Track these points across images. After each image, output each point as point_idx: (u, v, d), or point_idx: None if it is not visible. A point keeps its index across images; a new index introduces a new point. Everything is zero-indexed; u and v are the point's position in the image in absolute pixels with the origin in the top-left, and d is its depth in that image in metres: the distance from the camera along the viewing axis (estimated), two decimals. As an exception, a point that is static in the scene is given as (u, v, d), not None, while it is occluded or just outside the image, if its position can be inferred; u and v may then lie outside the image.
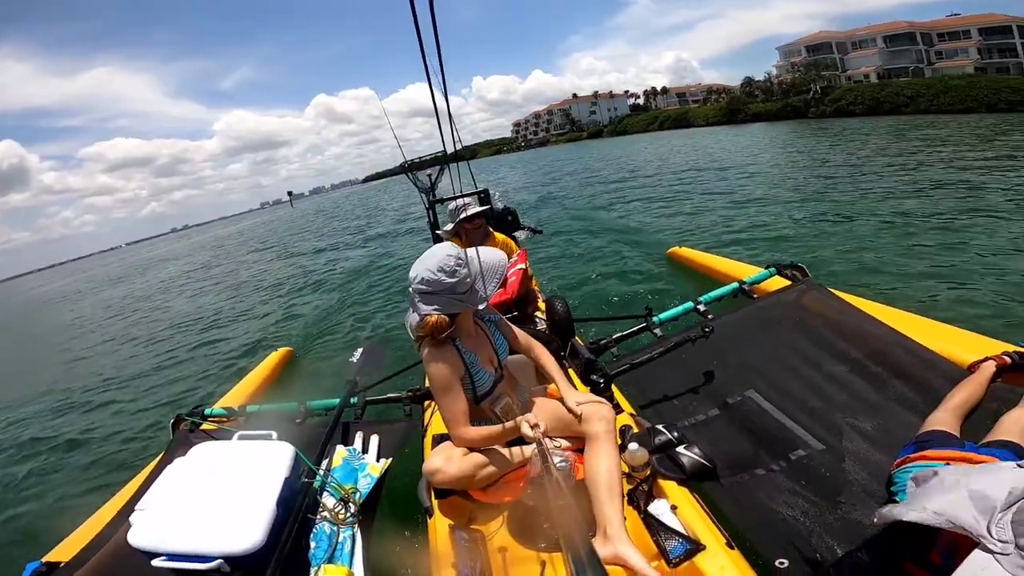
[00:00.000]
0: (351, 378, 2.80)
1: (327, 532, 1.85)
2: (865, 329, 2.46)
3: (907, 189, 8.72)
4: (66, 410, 6.19)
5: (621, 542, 1.51)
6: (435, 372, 1.75)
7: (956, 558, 1.00)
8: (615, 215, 11.19)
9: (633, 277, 6.20)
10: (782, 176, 13.01)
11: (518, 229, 4.84)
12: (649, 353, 2.58)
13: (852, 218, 7.33)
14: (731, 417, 2.16)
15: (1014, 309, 3.84)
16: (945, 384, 1.96)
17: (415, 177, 5.08)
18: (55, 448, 4.86)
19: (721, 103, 58.25)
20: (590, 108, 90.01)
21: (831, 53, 51.10)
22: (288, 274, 12.65)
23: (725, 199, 10.72)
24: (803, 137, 24.64)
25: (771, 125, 39.01)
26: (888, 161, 12.54)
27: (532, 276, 3.56)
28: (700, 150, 25.51)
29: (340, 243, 16.68)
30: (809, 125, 33.29)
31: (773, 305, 2.87)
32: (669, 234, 8.17)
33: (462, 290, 1.74)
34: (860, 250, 5.82)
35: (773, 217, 8.32)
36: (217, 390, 4.97)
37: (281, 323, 7.83)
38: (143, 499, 1.86)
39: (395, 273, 9.29)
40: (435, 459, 1.78)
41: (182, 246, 52.90)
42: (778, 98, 48.88)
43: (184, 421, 2.77)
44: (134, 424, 5.02)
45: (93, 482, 3.95)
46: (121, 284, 24.48)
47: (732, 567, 1.40)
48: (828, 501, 1.65)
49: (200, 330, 8.86)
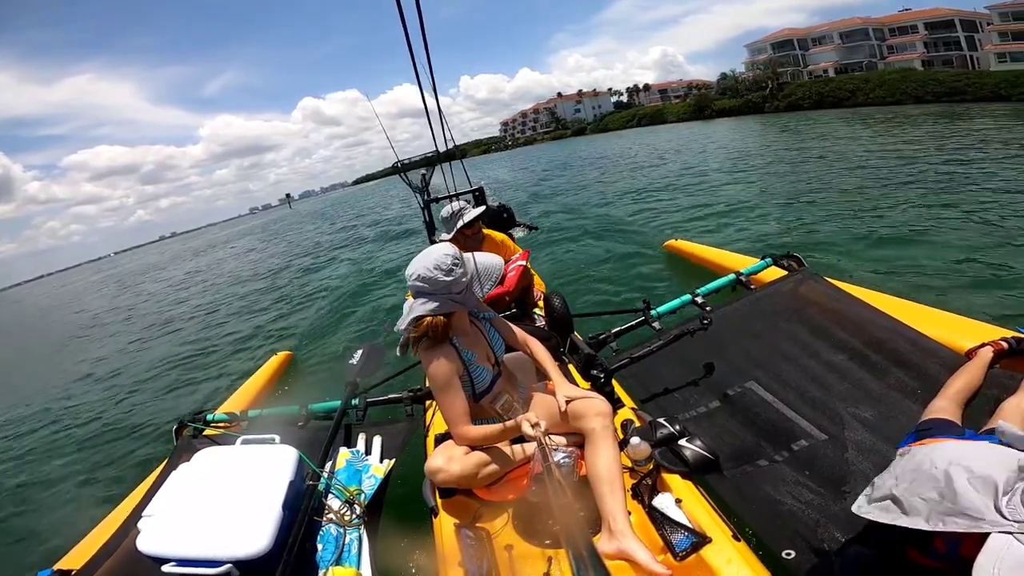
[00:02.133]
0: (351, 380, 2.81)
1: (333, 534, 1.86)
2: (863, 317, 2.47)
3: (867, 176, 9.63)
4: (68, 418, 6.17)
5: (626, 537, 1.51)
6: (434, 371, 1.75)
7: (960, 545, 0.99)
8: (598, 208, 11.46)
9: (630, 271, 6.21)
10: (753, 166, 13.89)
11: (514, 226, 4.83)
12: (648, 347, 2.58)
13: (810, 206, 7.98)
14: (732, 409, 2.16)
15: (989, 290, 3.97)
16: (943, 371, 1.97)
17: (408, 177, 5.07)
18: (59, 459, 4.84)
19: (690, 101, 61.34)
20: (575, 106, 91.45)
21: (794, 50, 53.30)
22: (285, 279, 12.60)
23: (688, 188, 11.66)
24: (767, 128, 27.54)
25: (738, 120, 41.71)
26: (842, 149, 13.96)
27: (534, 274, 3.57)
28: (667, 143, 27.96)
29: (336, 245, 16.66)
30: (766, 119, 36.67)
31: (770, 296, 2.88)
32: (653, 226, 8.42)
33: (457, 289, 1.75)
34: (835, 236, 6.09)
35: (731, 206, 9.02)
36: (218, 395, 4.97)
37: (280, 327, 7.80)
38: (150, 506, 1.87)
39: (392, 273, 9.27)
40: (437, 458, 1.78)
41: (172, 253, 53.04)
42: (742, 95, 51.38)
43: (187, 427, 2.77)
44: (137, 431, 5.00)
45: (98, 488, 3.96)
46: (106, 295, 24.42)
47: (739, 559, 1.40)
48: (833, 491, 1.65)
49: (197, 336, 8.83)
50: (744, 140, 22.86)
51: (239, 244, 31.54)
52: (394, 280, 8.57)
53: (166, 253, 59.13)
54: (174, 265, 30.77)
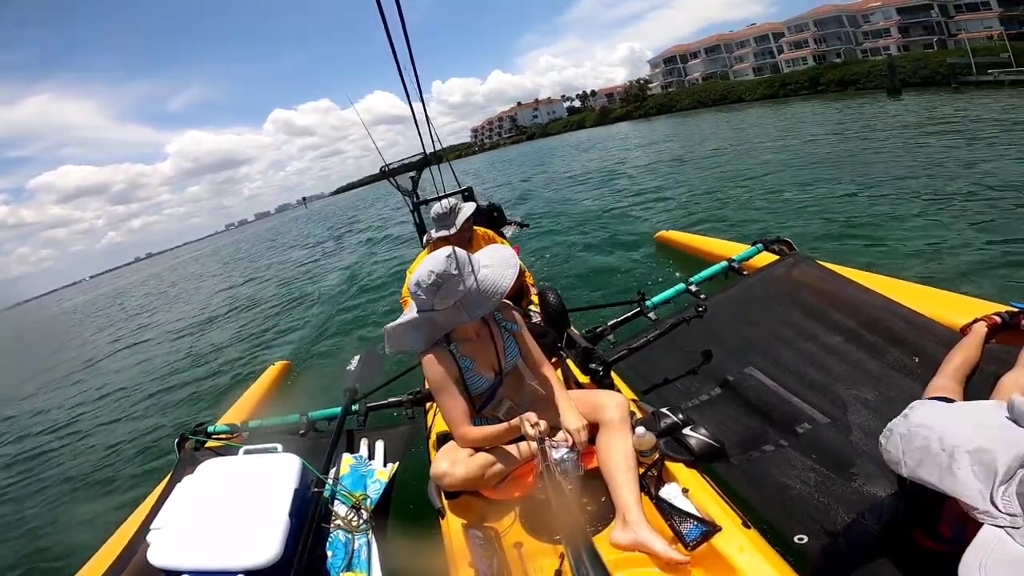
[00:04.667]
0: (351, 386, 2.80)
1: (342, 540, 1.86)
2: (856, 298, 2.48)
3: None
4: (66, 436, 6.19)
5: (642, 527, 1.51)
6: (429, 374, 1.77)
7: (967, 532, 0.96)
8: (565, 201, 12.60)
9: (622, 263, 6.26)
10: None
11: (504, 224, 4.82)
12: (646, 337, 2.59)
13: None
14: (734, 395, 2.16)
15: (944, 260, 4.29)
16: (939, 348, 1.98)
17: (396, 181, 5.06)
18: (62, 479, 4.86)
19: (597, 110, 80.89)
20: (533, 113, 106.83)
21: (676, 64, 68.51)
22: (277, 288, 12.55)
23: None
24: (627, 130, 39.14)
25: (633, 123, 54.57)
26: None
27: (526, 271, 3.56)
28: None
29: (328, 251, 16.62)
30: (650, 121, 50.39)
31: (763, 280, 2.89)
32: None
33: (441, 307, 1.70)
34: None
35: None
36: (218, 408, 4.95)
37: (275, 337, 7.78)
38: (157, 519, 1.86)
39: (387, 278, 9.24)
40: (441, 463, 1.77)
41: (148, 273, 53.63)
42: (627, 103, 69.51)
43: (188, 440, 2.75)
44: (138, 447, 5.02)
45: (106, 501, 4.01)
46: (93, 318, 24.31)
47: (751, 546, 1.39)
48: (841, 473, 1.64)
49: (193, 349, 8.79)
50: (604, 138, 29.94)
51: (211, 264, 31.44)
52: (390, 284, 8.55)
53: (143, 272, 60.18)
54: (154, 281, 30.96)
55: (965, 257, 4.27)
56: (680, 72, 67.87)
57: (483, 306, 1.72)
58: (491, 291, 1.73)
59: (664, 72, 70.07)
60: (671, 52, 69.95)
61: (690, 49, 67.52)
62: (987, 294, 2.39)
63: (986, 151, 8.34)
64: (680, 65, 67.81)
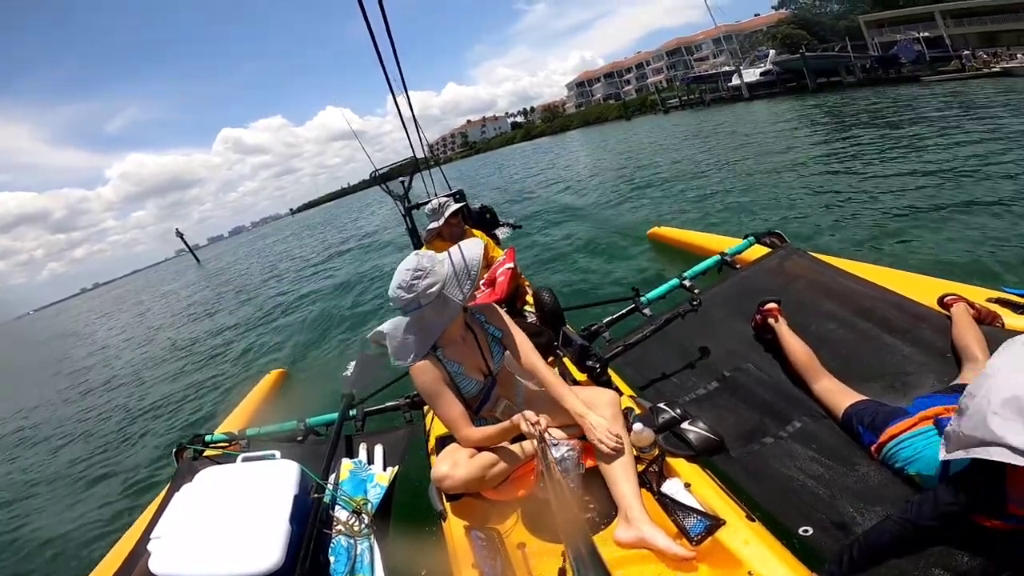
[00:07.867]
0: (347, 391, 2.79)
1: (344, 546, 1.85)
2: (849, 287, 2.50)
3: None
4: (66, 449, 6.14)
5: (645, 524, 1.50)
6: (420, 383, 1.76)
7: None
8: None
9: (616, 260, 6.29)
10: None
11: (497, 227, 4.82)
12: (641, 333, 2.59)
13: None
14: (731, 388, 2.16)
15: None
16: (934, 334, 2.00)
17: (388, 187, 5.09)
18: (63, 491, 4.83)
19: (521, 128, 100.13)
20: (481, 129, 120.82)
21: (585, 87, 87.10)
22: (269, 297, 12.51)
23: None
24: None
25: (553, 137, 65.73)
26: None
27: (520, 272, 3.57)
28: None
29: (318, 261, 16.56)
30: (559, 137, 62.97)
31: (756, 273, 2.90)
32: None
33: (425, 301, 1.71)
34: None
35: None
36: (215, 418, 4.93)
37: (270, 345, 7.76)
38: (157, 528, 1.85)
39: (379, 283, 9.23)
40: (441, 466, 1.77)
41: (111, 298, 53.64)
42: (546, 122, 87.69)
43: (186, 449, 2.73)
44: (137, 459, 5.00)
45: (106, 512, 3.99)
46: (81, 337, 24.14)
47: (756, 539, 1.38)
48: (843, 464, 1.63)
49: (189, 360, 8.74)
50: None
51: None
52: (382, 288, 8.54)
53: (97, 300, 60.66)
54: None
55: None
56: (588, 94, 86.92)
57: (469, 278, 1.75)
58: (471, 258, 1.78)
59: (576, 94, 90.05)
60: (581, 78, 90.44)
61: (595, 75, 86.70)
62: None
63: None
64: (588, 88, 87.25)
